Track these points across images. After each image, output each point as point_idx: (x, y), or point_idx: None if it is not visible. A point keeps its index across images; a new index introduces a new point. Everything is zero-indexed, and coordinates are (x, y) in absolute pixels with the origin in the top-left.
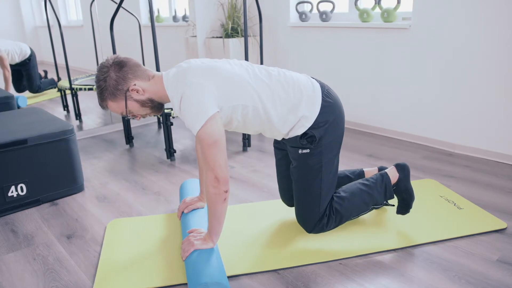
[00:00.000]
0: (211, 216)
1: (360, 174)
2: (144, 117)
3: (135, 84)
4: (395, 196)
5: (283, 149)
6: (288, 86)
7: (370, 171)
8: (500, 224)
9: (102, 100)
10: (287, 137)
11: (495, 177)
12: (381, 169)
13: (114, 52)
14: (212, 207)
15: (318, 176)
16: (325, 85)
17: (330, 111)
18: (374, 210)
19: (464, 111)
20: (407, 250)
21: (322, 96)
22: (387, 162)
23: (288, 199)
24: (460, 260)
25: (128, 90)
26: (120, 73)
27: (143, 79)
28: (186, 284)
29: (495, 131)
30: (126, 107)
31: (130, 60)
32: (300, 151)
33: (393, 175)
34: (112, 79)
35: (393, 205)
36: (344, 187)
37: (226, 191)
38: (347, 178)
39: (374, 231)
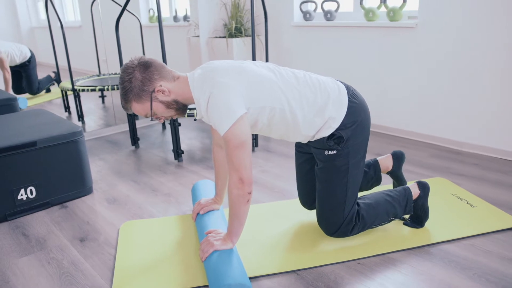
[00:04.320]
0: (232, 217)
1: (375, 165)
2: (167, 119)
3: (161, 85)
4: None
5: (306, 152)
6: (315, 88)
7: (384, 158)
8: None
9: (127, 102)
10: (313, 139)
11: (504, 175)
12: (394, 154)
13: (119, 52)
14: (235, 208)
15: (345, 178)
16: (350, 87)
17: (357, 112)
18: None
19: (471, 109)
20: (424, 248)
21: (348, 97)
22: None
23: (308, 203)
24: (477, 259)
25: (154, 91)
26: (146, 74)
27: (169, 80)
28: (206, 286)
29: (503, 129)
30: (151, 109)
31: (155, 61)
32: (326, 153)
33: (414, 192)
34: (137, 80)
35: (407, 220)
36: (368, 195)
37: (250, 193)
38: (363, 173)
39: (390, 229)
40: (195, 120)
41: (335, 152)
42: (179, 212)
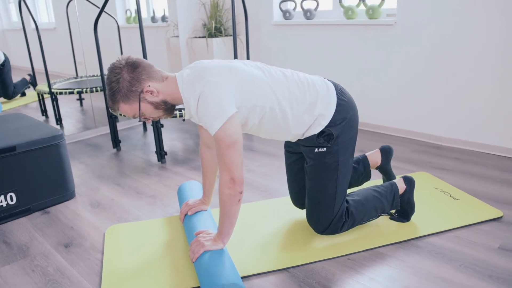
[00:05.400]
0: (223, 217)
1: (364, 161)
2: (155, 120)
3: (149, 86)
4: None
5: (295, 152)
6: (304, 86)
7: (373, 154)
8: (496, 212)
9: (114, 103)
10: (302, 138)
11: (484, 168)
12: (382, 149)
13: (98, 54)
14: (226, 208)
15: (334, 175)
16: (338, 85)
17: (345, 109)
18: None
19: (450, 104)
20: (411, 242)
21: (337, 95)
22: None
23: (300, 203)
24: (463, 250)
25: (142, 91)
26: (134, 74)
27: (157, 81)
28: (197, 287)
29: (482, 123)
30: (139, 110)
31: (143, 61)
32: (316, 150)
33: (401, 187)
34: (125, 80)
35: (393, 214)
36: (356, 191)
37: (241, 192)
38: (352, 169)
39: (377, 224)
40: (183, 120)
41: (325, 149)
42: (166, 214)
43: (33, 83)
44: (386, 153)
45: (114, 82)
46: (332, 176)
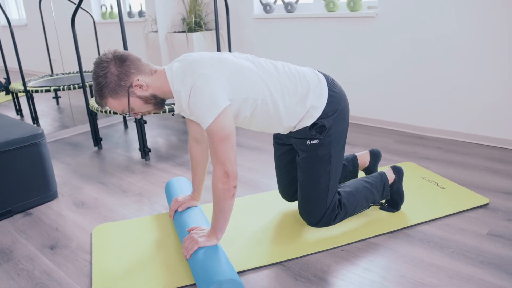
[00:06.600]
0: (217, 212)
1: (354, 161)
2: (144, 115)
3: (138, 80)
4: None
5: (285, 144)
6: (295, 78)
7: (362, 155)
8: (483, 200)
9: (102, 98)
10: (294, 130)
11: (467, 157)
12: (372, 152)
13: (77, 49)
14: (220, 203)
15: (327, 167)
16: (329, 76)
17: (337, 101)
18: None
19: (431, 95)
20: (402, 231)
21: (328, 86)
22: (363, 148)
23: (289, 195)
24: (454, 237)
25: (131, 86)
26: (122, 68)
27: (146, 74)
28: (192, 285)
29: (463, 113)
30: (128, 105)
31: (130, 54)
32: (308, 142)
33: (390, 176)
34: (113, 74)
35: (383, 204)
36: (347, 182)
37: (235, 187)
38: (343, 166)
39: (369, 215)
40: (173, 115)
41: (317, 141)
42: (154, 212)
43: (7, 87)
44: (375, 156)
45: (101, 77)
46: (325, 168)
